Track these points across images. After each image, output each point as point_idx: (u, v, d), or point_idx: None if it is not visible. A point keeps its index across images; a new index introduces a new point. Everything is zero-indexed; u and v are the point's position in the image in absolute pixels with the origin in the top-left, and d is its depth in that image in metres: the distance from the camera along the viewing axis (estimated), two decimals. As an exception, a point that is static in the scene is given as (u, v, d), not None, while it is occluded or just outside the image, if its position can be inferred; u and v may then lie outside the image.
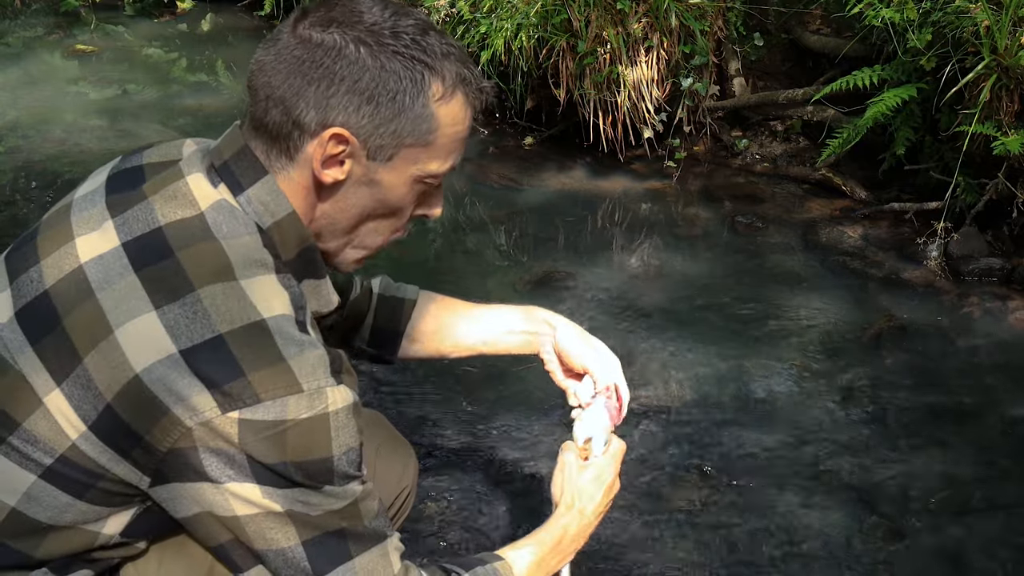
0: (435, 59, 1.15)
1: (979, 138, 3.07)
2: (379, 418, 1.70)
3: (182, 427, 1.07)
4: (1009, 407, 2.57)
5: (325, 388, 1.10)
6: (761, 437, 2.43)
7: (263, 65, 1.16)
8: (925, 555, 2.09)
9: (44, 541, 1.15)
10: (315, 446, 1.10)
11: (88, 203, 1.20)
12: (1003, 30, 2.93)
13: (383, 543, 1.21)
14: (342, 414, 1.12)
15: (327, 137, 1.14)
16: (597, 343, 1.63)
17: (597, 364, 1.59)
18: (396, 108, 1.15)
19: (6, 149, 4.18)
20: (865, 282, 3.17)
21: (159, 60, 5.48)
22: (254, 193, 1.17)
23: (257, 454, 1.09)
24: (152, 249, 1.12)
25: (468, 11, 4.20)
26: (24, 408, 1.11)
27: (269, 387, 1.07)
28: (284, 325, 1.11)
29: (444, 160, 1.21)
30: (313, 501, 1.13)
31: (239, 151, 1.19)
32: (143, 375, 1.07)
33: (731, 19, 4.13)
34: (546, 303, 3.01)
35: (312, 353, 1.11)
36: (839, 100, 3.77)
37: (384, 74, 1.13)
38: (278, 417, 1.08)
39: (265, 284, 1.13)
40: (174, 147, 1.27)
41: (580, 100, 3.93)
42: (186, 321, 1.07)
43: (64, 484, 1.12)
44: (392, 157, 1.17)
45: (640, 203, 3.77)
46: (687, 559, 2.06)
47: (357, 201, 1.21)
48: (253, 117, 1.18)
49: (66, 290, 1.12)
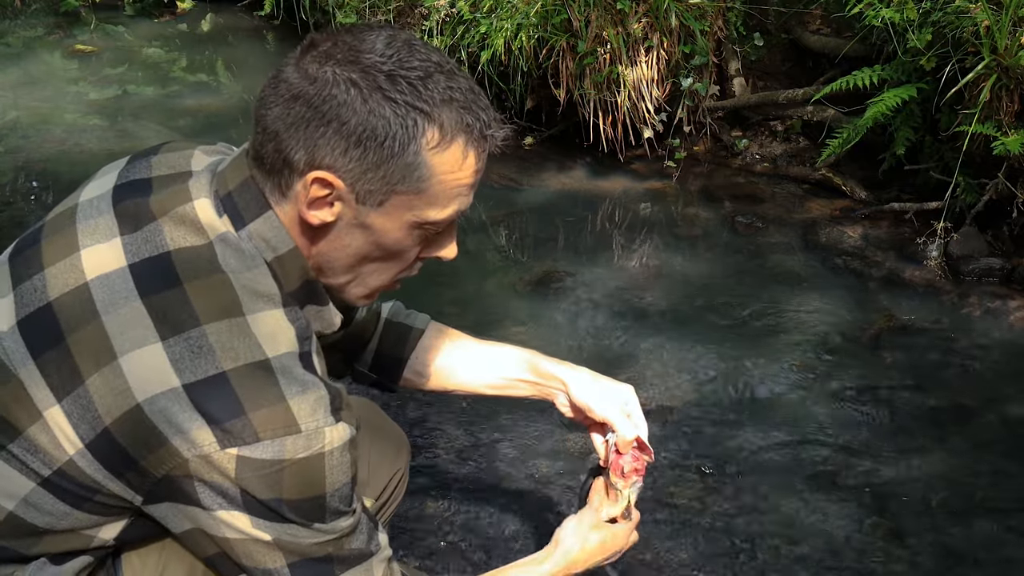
0: (433, 106, 1.11)
1: (979, 138, 3.07)
2: (371, 405, 1.70)
3: (179, 457, 1.08)
4: (1009, 407, 2.57)
5: (323, 428, 1.11)
6: (761, 437, 2.43)
7: (264, 97, 1.14)
8: (925, 555, 2.09)
9: (40, 542, 1.16)
10: (309, 485, 1.12)
11: (94, 210, 1.19)
12: (1003, 30, 2.93)
13: (368, 561, 1.23)
14: (337, 453, 1.13)
15: (309, 181, 1.11)
16: (611, 388, 1.58)
17: (620, 420, 1.55)
18: (384, 154, 1.11)
19: (6, 149, 4.18)
20: (865, 282, 3.17)
21: (159, 60, 5.48)
22: (255, 228, 1.16)
23: (252, 489, 1.10)
24: (159, 276, 1.11)
25: (468, 11, 4.20)
26: (25, 418, 1.11)
27: (268, 427, 1.08)
28: (288, 363, 1.11)
29: (443, 207, 1.18)
30: (301, 535, 1.15)
31: (243, 183, 1.17)
32: (144, 405, 1.07)
33: (731, 19, 4.13)
34: (546, 303, 3.02)
35: (313, 394, 1.11)
36: (839, 100, 3.77)
37: (373, 119, 1.10)
38: (276, 456, 1.09)
39: (271, 319, 1.13)
40: (183, 157, 1.26)
41: (580, 100, 3.93)
42: (191, 356, 1.08)
43: (62, 495, 1.13)
44: (383, 203, 1.14)
45: (640, 203, 3.77)
46: (687, 559, 2.06)
47: (352, 242, 1.18)
48: (253, 147, 1.17)
49: (70, 306, 1.12)
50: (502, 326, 2.88)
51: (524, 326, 2.88)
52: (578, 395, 1.57)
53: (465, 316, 2.95)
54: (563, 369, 1.60)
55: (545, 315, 2.91)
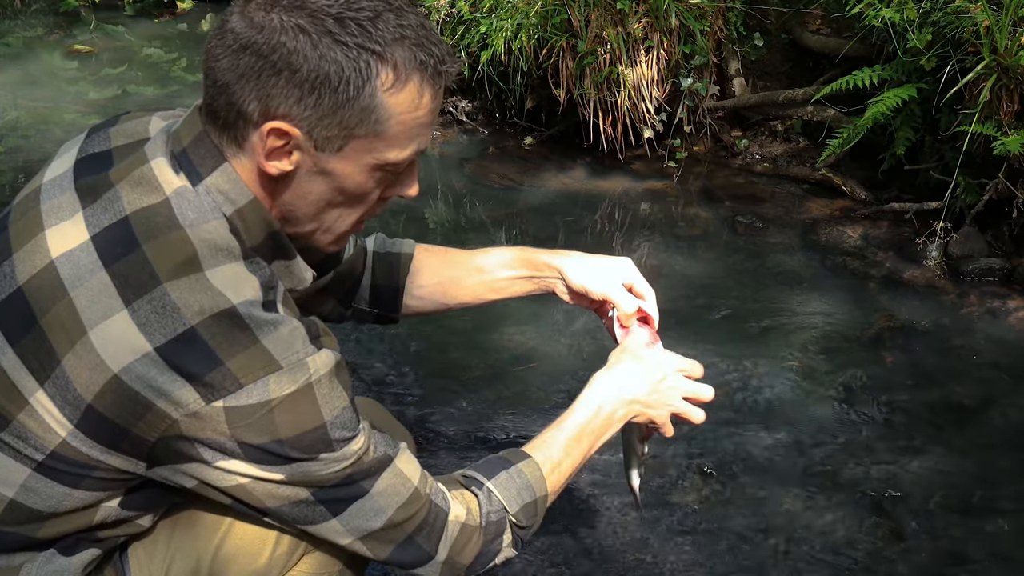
0: (385, 46, 1.09)
1: (979, 138, 3.07)
2: (373, 404, 1.70)
3: (169, 419, 1.07)
4: (1009, 407, 2.57)
5: (304, 358, 1.10)
6: (761, 437, 2.43)
7: (211, 48, 1.11)
8: (925, 555, 2.09)
9: (44, 525, 1.16)
10: (305, 418, 1.10)
11: (57, 189, 1.18)
12: (1003, 30, 2.93)
13: (392, 464, 1.22)
14: (325, 379, 1.12)
15: (265, 132, 1.10)
16: (606, 264, 1.57)
17: (617, 294, 1.54)
18: (340, 99, 1.09)
19: (6, 149, 4.18)
20: (865, 282, 3.17)
21: (159, 60, 5.48)
22: (212, 182, 1.14)
23: (247, 438, 1.09)
24: (119, 241, 1.10)
25: (468, 11, 4.20)
26: (12, 407, 1.11)
27: (248, 371, 1.07)
28: (253, 308, 1.09)
29: (403, 148, 1.15)
30: (313, 469, 1.14)
31: (197, 137, 1.15)
32: (122, 374, 1.06)
33: (731, 19, 4.13)
34: (546, 303, 3.02)
35: (285, 327, 1.10)
36: (839, 100, 3.77)
37: (325, 64, 1.07)
38: (262, 398, 1.08)
39: (231, 271, 1.11)
40: (141, 124, 1.24)
41: (580, 100, 3.93)
42: (157, 317, 1.06)
43: (59, 477, 1.12)
44: (342, 148, 1.12)
45: (640, 203, 3.77)
46: (687, 559, 2.06)
47: (313, 189, 1.16)
48: (205, 101, 1.15)
49: (39, 288, 1.11)
50: (502, 326, 2.88)
51: (524, 326, 2.88)
52: (574, 278, 1.56)
53: (465, 316, 2.96)
54: (556, 257, 1.59)
55: (545, 315, 2.91)
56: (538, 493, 1.38)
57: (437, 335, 2.86)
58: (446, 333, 2.87)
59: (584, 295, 1.57)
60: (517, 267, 1.61)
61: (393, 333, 2.85)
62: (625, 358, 1.49)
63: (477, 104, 4.49)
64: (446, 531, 1.28)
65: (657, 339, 1.54)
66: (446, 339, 2.84)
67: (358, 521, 1.21)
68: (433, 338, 2.85)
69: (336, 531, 1.21)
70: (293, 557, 1.31)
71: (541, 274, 1.60)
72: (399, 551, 1.26)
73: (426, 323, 2.92)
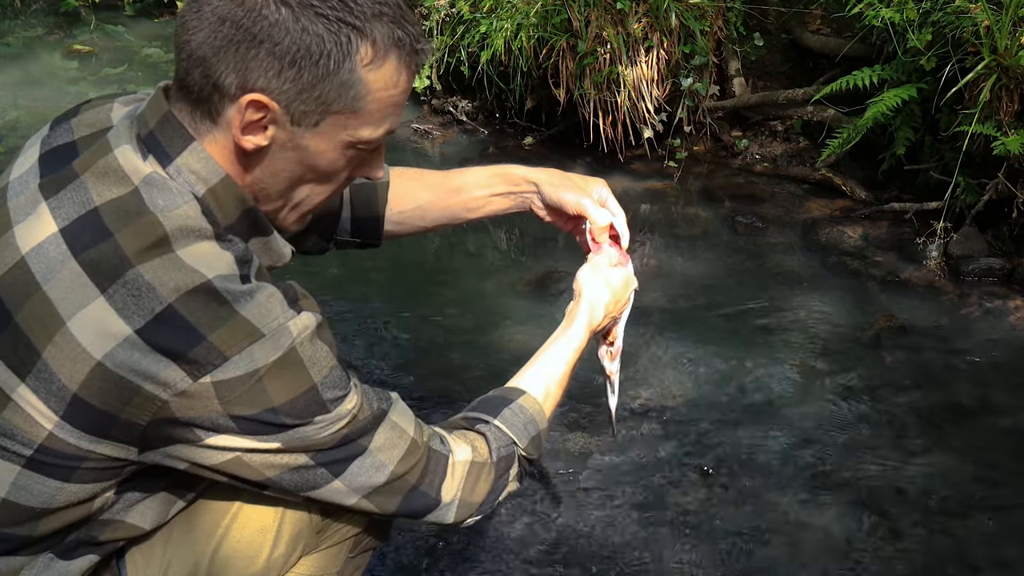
0: (364, 21, 1.09)
1: (979, 138, 3.07)
2: None
3: (158, 401, 1.07)
4: (1009, 407, 2.57)
5: (286, 323, 1.10)
6: (761, 437, 2.43)
7: (186, 22, 1.11)
8: (925, 555, 2.09)
9: (39, 523, 1.16)
10: (295, 382, 1.10)
11: (23, 186, 1.17)
12: (1003, 30, 2.93)
13: (387, 417, 1.24)
14: (307, 342, 1.11)
15: (244, 104, 1.09)
16: (582, 181, 1.64)
17: (591, 207, 1.60)
18: (319, 73, 1.09)
19: (6, 149, 4.18)
20: (865, 282, 3.17)
21: (159, 60, 5.49)
22: (183, 162, 1.13)
23: (240, 411, 1.09)
24: (89, 232, 1.09)
25: (468, 11, 4.20)
26: None
27: (232, 343, 1.07)
28: (228, 283, 1.09)
29: (377, 126, 1.16)
30: (309, 433, 1.14)
31: (163, 118, 1.15)
32: (105, 361, 1.06)
33: (731, 19, 4.13)
34: (546, 303, 3.02)
35: (262, 294, 1.10)
36: (839, 100, 3.77)
37: (306, 37, 1.07)
38: (249, 369, 1.07)
39: (203, 249, 1.10)
40: (103, 112, 1.24)
41: (580, 100, 3.93)
42: (133, 299, 1.05)
43: (50, 471, 1.12)
44: (319, 123, 1.12)
45: (640, 203, 3.77)
46: (687, 559, 2.06)
47: (286, 166, 1.17)
48: (177, 77, 1.15)
49: (11, 285, 1.10)
50: (502, 326, 2.88)
51: (524, 326, 2.88)
52: (550, 192, 1.62)
53: (465, 316, 2.96)
54: (532, 171, 1.65)
55: (545, 315, 2.91)
56: (540, 426, 1.41)
57: (437, 335, 2.86)
58: (446, 333, 2.87)
59: (559, 209, 1.62)
60: (494, 183, 1.65)
61: (393, 333, 2.86)
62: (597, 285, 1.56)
63: (477, 104, 4.49)
64: (452, 473, 1.30)
65: (628, 258, 1.60)
66: (446, 339, 2.84)
67: (361, 479, 1.21)
68: (433, 338, 2.85)
69: (340, 492, 1.21)
70: (291, 559, 1.31)
71: (518, 188, 1.65)
72: (406, 502, 1.26)
73: (427, 323, 2.92)
